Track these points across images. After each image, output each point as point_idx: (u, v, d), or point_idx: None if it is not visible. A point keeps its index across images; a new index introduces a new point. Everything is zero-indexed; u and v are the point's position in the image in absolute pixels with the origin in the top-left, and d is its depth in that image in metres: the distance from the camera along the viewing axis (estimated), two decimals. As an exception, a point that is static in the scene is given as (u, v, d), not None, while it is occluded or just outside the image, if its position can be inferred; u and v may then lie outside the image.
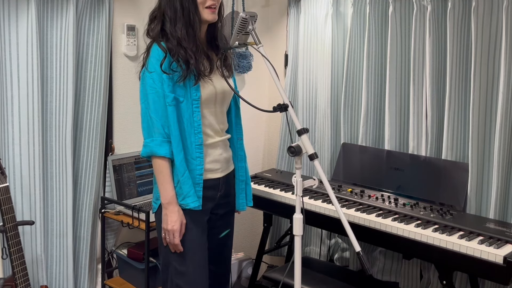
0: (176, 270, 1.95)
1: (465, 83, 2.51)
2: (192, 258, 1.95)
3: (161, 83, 1.86)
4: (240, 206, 2.17)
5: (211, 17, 1.92)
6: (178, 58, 1.86)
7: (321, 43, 3.04)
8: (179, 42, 1.87)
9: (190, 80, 1.88)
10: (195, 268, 1.96)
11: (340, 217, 1.71)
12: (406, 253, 2.38)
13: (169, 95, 1.86)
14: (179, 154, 1.88)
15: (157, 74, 1.86)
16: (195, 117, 1.90)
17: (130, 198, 2.71)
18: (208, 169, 1.98)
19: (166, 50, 1.87)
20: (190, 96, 1.89)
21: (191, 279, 1.95)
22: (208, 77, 1.93)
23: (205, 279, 1.99)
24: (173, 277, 1.96)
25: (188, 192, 1.90)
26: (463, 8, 2.47)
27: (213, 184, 2.01)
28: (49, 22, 2.40)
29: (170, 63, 1.87)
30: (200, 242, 1.98)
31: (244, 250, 3.39)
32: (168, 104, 1.86)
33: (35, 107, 2.34)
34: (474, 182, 2.44)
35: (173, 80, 1.87)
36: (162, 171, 1.89)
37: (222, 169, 2.05)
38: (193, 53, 1.87)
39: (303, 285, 1.99)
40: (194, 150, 1.91)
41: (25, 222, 2.23)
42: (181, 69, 1.87)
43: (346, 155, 2.90)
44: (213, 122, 1.99)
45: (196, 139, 1.91)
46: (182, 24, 1.87)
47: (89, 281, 2.66)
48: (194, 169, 1.92)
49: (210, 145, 1.98)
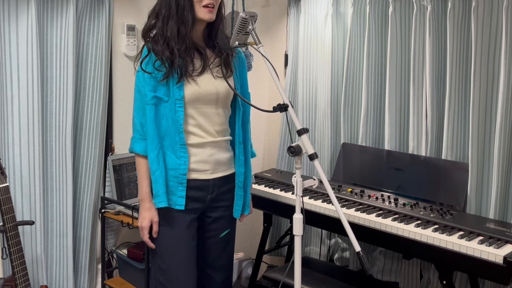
0: (159, 267, 1.98)
1: (465, 83, 2.51)
2: (172, 256, 1.96)
3: (144, 82, 1.90)
4: (235, 212, 2.09)
5: (208, 16, 1.91)
6: (162, 57, 1.87)
7: (321, 43, 3.04)
8: (167, 41, 1.87)
9: (173, 79, 1.89)
10: (179, 265, 1.96)
11: (340, 217, 1.71)
12: (406, 253, 2.38)
13: (148, 94, 1.89)
14: (151, 152, 1.90)
15: (141, 73, 1.91)
16: (178, 116, 1.90)
17: (130, 198, 2.71)
18: (193, 169, 1.95)
19: (150, 50, 1.89)
20: (173, 95, 1.89)
21: (173, 277, 1.96)
22: (193, 77, 1.91)
23: (190, 277, 1.98)
24: (157, 274, 1.99)
25: (158, 191, 1.91)
26: (463, 8, 2.47)
27: (201, 185, 1.98)
28: (49, 22, 2.40)
29: (153, 63, 1.88)
30: (182, 240, 1.96)
31: (244, 250, 3.39)
32: (146, 103, 1.89)
33: (35, 107, 2.34)
34: (474, 182, 2.44)
35: (156, 79, 1.89)
36: (138, 168, 1.98)
37: (213, 171, 2.00)
38: (179, 53, 1.86)
39: (303, 285, 1.99)
40: (179, 149, 1.92)
41: (25, 222, 2.23)
42: (165, 68, 1.87)
43: (346, 155, 2.90)
44: (203, 123, 1.96)
45: (179, 138, 1.91)
46: (174, 22, 1.87)
47: (89, 281, 2.66)
48: (177, 168, 1.92)
49: (196, 145, 1.96)
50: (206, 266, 2.09)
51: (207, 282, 2.10)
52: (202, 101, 1.95)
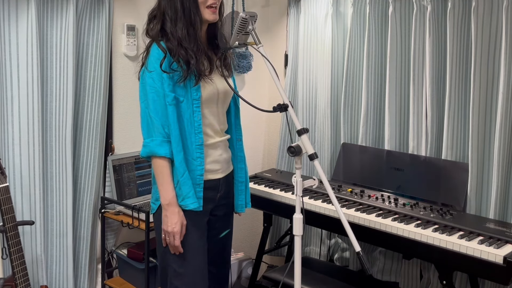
0: (175, 272, 1.94)
1: (465, 83, 2.51)
2: (191, 260, 1.94)
3: (161, 83, 1.85)
4: (239, 208, 2.15)
5: (212, 17, 1.92)
6: (179, 58, 1.86)
7: (321, 43, 3.04)
8: (180, 42, 1.86)
9: (190, 80, 1.88)
10: (195, 270, 1.95)
11: (340, 217, 1.71)
12: (406, 253, 2.38)
13: (170, 94, 1.85)
14: (178, 154, 1.86)
15: (157, 73, 1.85)
16: (196, 117, 1.90)
17: (130, 198, 2.71)
18: (209, 169, 1.97)
19: (166, 50, 1.86)
20: (190, 96, 1.89)
21: (190, 281, 1.94)
22: (208, 77, 1.93)
23: (205, 281, 1.98)
24: (172, 279, 1.95)
25: (188, 193, 1.88)
26: (463, 8, 2.47)
27: (214, 184, 2.00)
28: (49, 22, 2.40)
29: (170, 63, 1.86)
30: (200, 244, 1.97)
31: (244, 250, 3.39)
32: (168, 103, 1.85)
33: (35, 107, 2.34)
34: (474, 182, 2.44)
35: (173, 79, 1.87)
36: (162, 172, 1.88)
37: (223, 170, 2.04)
38: (193, 53, 1.86)
39: (303, 285, 1.99)
40: (195, 150, 1.91)
41: (25, 222, 2.23)
42: (182, 69, 1.86)
43: (346, 155, 2.90)
44: (214, 122, 1.99)
45: (196, 139, 1.90)
46: (183, 24, 1.87)
47: (89, 281, 2.66)
48: (194, 170, 1.91)
49: (211, 145, 1.98)
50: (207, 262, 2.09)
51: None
52: (216, 101, 1.98)
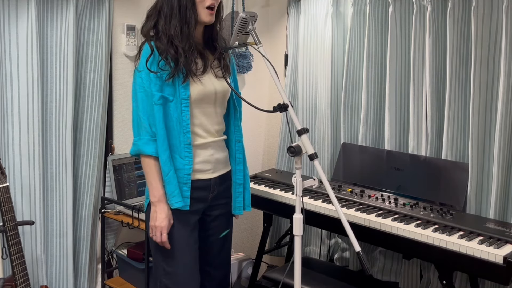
0: (165, 270, 1.96)
1: (465, 83, 2.51)
2: (180, 259, 1.94)
3: (149, 82, 1.87)
4: (236, 210, 2.13)
5: (209, 18, 1.92)
6: (167, 56, 1.86)
7: (321, 43, 3.04)
8: (171, 40, 1.86)
9: (179, 79, 1.88)
10: (185, 268, 1.95)
11: (340, 217, 1.71)
12: (406, 253, 2.38)
13: (156, 94, 1.86)
14: (163, 153, 1.87)
15: (145, 73, 1.87)
16: (184, 116, 1.90)
17: (130, 198, 2.71)
18: (198, 169, 1.96)
19: (153, 49, 1.87)
20: (179, 95, 1.88)
21: (179, 280, 1.94)
22: (197, 77, 1.92)
23: (195, 279, 1.98)
24: (162, 277, 1.97)
25: (173, 191, 1.89)
26: (463, 8, 2.47)
27: (203, 185, 1.99)
28: (49, 22, 2.40)
29: (158, 62, 1.86)
30: (189, 243, 1.97)
31: (244, 250, 3.39)
32: (154, 103, 1.86)
33: (35, 107, 2.34)
34: (474, 182, 2.44)
35: (161, 78, 1.87)
36: (151, 170, 1.90)
37: (214, 170, 2.02)
38: (184, 52, 1.86)
39: (303, 285, 1.99)
40: (183, 149, 1.91)
41: (25, 222, 2.23)
42: (170, 67, 1.86)
43: (346, 155, 2.90)
44: (205, 123, 1.98)
45: (184, 138, 1.90)
46: (177, 21, 1.87)
47: (89, 281, 2.66)
48: (182, 169, 1.91)
49: (200, 145, 1.96)
50: (206, 264, 2.09)
51: (205, 279, 2.10)
52: (206, 101, 1.96)
